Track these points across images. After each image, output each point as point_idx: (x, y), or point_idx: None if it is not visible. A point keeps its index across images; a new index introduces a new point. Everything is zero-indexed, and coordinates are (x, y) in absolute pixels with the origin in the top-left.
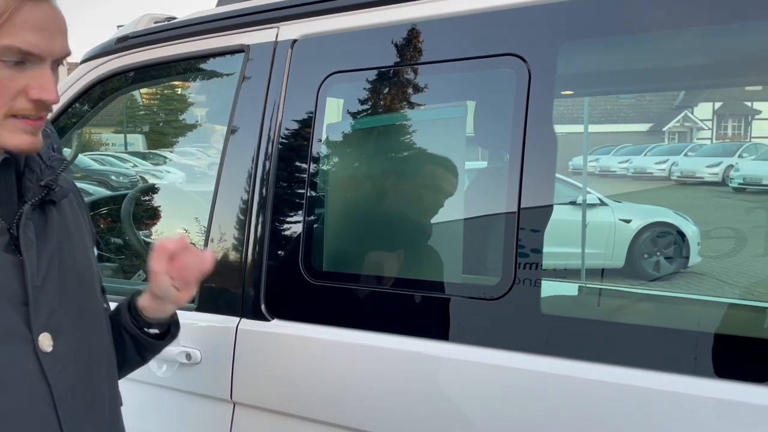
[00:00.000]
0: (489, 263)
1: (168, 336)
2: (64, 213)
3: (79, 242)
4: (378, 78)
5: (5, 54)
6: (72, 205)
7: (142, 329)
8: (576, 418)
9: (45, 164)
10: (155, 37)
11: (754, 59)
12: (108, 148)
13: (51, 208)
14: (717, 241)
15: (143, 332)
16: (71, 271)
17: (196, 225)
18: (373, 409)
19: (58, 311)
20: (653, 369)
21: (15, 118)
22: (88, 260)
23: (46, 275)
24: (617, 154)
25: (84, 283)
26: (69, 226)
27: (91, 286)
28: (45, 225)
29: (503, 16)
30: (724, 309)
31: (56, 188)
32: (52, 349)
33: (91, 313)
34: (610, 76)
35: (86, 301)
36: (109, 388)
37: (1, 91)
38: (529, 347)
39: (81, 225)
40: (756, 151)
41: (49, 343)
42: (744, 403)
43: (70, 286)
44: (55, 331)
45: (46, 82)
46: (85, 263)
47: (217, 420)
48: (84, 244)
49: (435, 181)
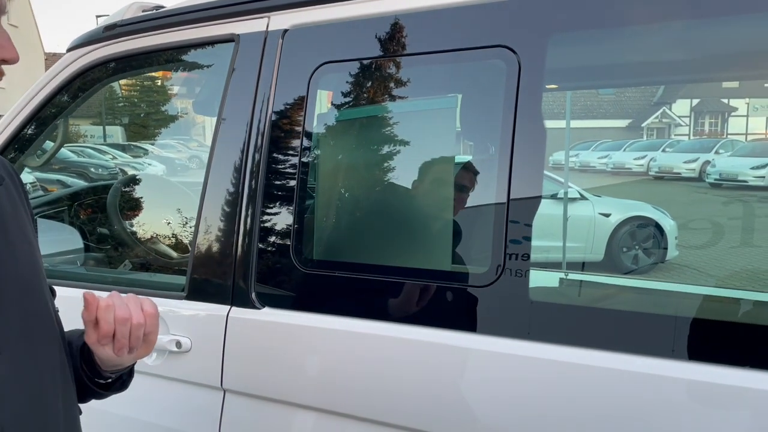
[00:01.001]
0: (478, 253)
1: (118, 385)
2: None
3: (19, 236)
4: (369, 69)
5: None
6: (10, 193)
7: (94, 380)
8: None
9: None
10: (144, 26)
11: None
12: (86, 140)
13: None
14: (693, 233)
15: (94, 383)
16: (11, 277)
17: (185, 215)
18: (361, 394)
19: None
20: (635, 353)
21: None
22: (32, 257)
23: None
24: (597, 150)
25: (28, 288)
26: (6, 221)
27: (36, 290)
28: None
29: (493, 7)
30: (699, 297)
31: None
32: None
33: (38, 322)
34: (600, 68)
35: (31, 308)
36: (65, 402)
37: None
38: (515, 332)
39: (22, 217)
40: (732, 148)
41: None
42: (718, 384)
43: (10, 293)
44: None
45: (4, 40)
46: (28, 262)
47: (207, 407)
48: (26, 240)
49: (425, 171)
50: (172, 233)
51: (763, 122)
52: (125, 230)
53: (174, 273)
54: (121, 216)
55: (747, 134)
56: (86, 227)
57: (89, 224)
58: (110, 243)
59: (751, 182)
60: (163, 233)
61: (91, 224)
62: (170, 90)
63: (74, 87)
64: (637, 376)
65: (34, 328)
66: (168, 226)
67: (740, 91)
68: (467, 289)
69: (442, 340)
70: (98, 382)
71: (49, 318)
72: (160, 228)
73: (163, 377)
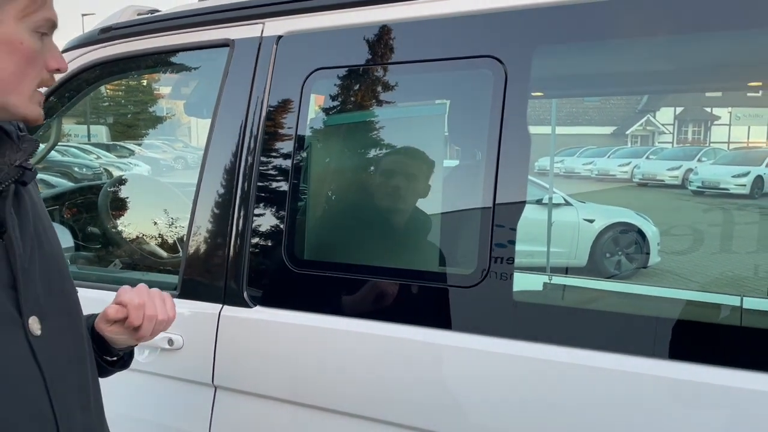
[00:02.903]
0: (464, 254)
1: (120, 364)
2: (32, 196)
3: (49, 226)
4: (361, 75)
5: (44, 26)
6: (36, 188)
7: (102, 356)
8: None
9: (16, 144)
10: (139, 29)
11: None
12: (70, 139)
13: (23, 190)
14: (675, 240)
15: (102, 359)
16: (49, 255)
17: (177, 215)
18: (351, 391)
19: (43, 295)
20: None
21: (37, 89)
22: (59, 245)
23: (31, 258)
24: (582, 156)
25: (61, 268)
26: (39, 210)
27: (66, 271)
28: (20, 207)
29: (482, 19)
30: (679, 300)
31: (33, 168)
32: (41, 332)
33: (71, 298)
34: (583, 78)
35: (65, 286)
36: (92, 372)
37: (38, 63)
38: (500, 331)
39: (45, 209)
40: (714, 156)
41: (38, 326)
42: (697, 382)
43: (51, 269)
44: (42, 315)
45: (58, 53)
46: (58, 247)
47: (198, 403)
48: (53, 229)
49: (414, 175)
50: (165, 233)
51: (745, 131)
52: (117, 230)
53: (167, 272)
54: (112, 216)
55: (729, 143)
56: (78, 227)
57: (82, 224)
58: (102, 243)
59: (733, 190)
60: (155, 233)
61: (83, 224)
62: (163, 92)
63: (69, 89)
64: (621, 374)
65: (68, 302)
66: (161, 226)
67: (723, 100)
68: (453, 290)
69: (429, 338)
70: (106, 359)
71: (76, 296)
72: (152, 228)
73: (154, 374)
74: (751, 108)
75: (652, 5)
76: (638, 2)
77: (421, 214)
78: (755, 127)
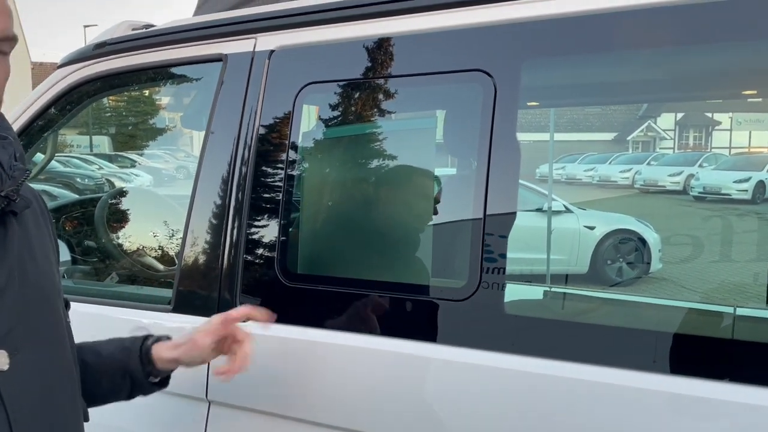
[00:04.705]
0: (456, 267)
1: (161, 384)
2: (25, 225)
3: (42, 256)
4: (352, 89)
5: (6, 45)
6: (35, 216)
7: (148, 378)
8: None
9: (6, 174)
10: (133, 44)
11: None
12: (72, 150)
13: (11, 220)
14: (677, 247)
15: (149, 381)
16: (32, 287)
17: (171, 228)
18: (345, 406)
19: (16, 328)
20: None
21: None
22: (51, 275)
23: (5, 288)
24: (583, 162)
25: (46, 299)
26: (31, 239)
27: (53, 302)
28: (4, 237)
29: (471, 34)
30: (681, 311)
31: (17, 199)
32: (8, 367)
33: (53, 330)
34: (571, 89)
35: (48, 318)
36: (72, 407)
37: None
38: (493, 345)
39: (44, 237)
40: (716, 161)
41: (5, 361)
42: (698, 397)
43: (31, 301)
44: (12, 349)
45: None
46: (47, 278)
47: (192, 418)
48: (47, 258)
49: (406, 188)
50: (161, 246)
51: (746, 136)
52: (112, 243)
53: (160, 286)
54: (108, 229)
55: (731, 148)
56: (75, 240)
57: (79, 237)
58: (99, 256)
59: (734, 196)
60: (151, 246)
61: (80, 237)
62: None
63: (63, 103)
64: (618, 389)
65: (49, 335)
66: (157, 239)
67: (724, 106)
68: (446, 303)
69: (422, 352)
70: (151, 381)
71: (62, 327)
72: (148, 241)
73: None
74: (752, 113)
75: (639, 18)
76: (624, 15)
77: (413, 227)
78: (756, 132)
